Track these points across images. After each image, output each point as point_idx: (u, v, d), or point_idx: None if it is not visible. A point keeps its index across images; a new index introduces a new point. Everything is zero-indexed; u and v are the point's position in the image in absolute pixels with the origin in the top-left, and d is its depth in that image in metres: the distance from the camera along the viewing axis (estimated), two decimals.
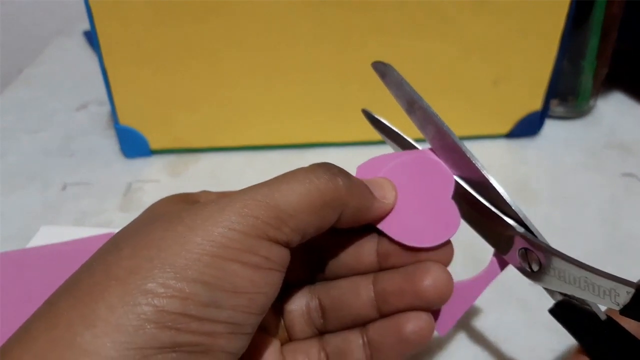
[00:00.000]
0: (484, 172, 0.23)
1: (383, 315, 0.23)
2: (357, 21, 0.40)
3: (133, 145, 0.44)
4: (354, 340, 0.23)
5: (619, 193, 0.41)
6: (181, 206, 0.20)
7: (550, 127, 0.49)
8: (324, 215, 0.20)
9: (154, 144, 0.45)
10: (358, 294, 0.23)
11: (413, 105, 0.24)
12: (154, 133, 0.44)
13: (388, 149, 0.26)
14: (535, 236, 0.22)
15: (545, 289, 0.23)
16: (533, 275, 0.23)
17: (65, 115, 0.52)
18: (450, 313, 0.24)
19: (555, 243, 0.36)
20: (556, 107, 0.50)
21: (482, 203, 0.23)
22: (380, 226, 0.23)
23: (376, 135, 0.27)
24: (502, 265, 0.24)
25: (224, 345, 0.18)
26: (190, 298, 0.17)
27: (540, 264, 0.22)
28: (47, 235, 0.37)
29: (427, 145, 0.25)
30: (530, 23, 0.41)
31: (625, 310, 0.19)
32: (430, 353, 0.29)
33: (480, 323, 0.30)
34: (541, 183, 0.42)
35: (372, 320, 0.23)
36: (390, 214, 0.23)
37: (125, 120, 0.43)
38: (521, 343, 0.29)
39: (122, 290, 0.17)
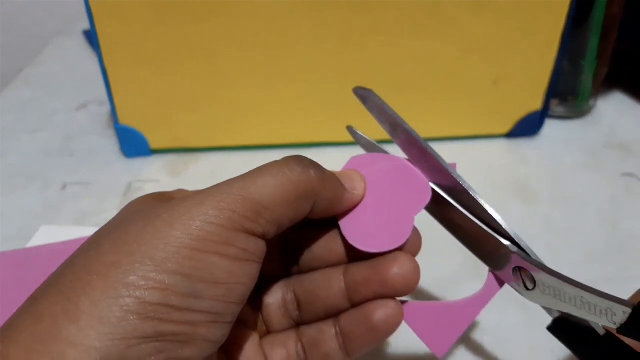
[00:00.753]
0: (472, 193, 0.23)
1: (354, 305, 0.23)
2: (357, 21, 0.40)
3: (133, 145, 0.44)
4: (327, 331, 0.23)
5: (619, 193, 0.41)
6: (157, 204, 0.21)
7: (550, 127, 0.49)
8: (297, 207, 0.21)
9: (154, 144, 0.45)
10: (330, 285, 0.24)
11: (396, 128, 0.25)
12: (154, 133, 0.44)
13: (387, 150, 0.26)
14: (529, 255, 0.22)
15: (543, 306, 0.23)
16: (529, 293, 0.23)
17: (65, 115, 0.52)
18: (447, 333, 0.24)
19: (555, 243, 0.36)
20: (556, 107, 0.50)
21: (474, 222, 0.23)
22: (340, 222, 0.24)
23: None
24: (500, 283, 0.24)
25: (205, 334, 0.18)
26: (170, 289, 0.18)
27: (535, 283, 0.22)
28: (47, 235, 0.37)
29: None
30: (530, 23, 0.41)
31: (623, 330, 0.19)
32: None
33: (480, 323, 0.30)
34: (541, 183, 0.42)
35: (344, 311, 0.23)
36: (351, 213, 0.24)
37: (125, 120, 0.43)
38: (521, 343, 0.29)
39: (104, 284, 0.17)
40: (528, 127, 0.47)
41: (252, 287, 0.20)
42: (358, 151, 0.28)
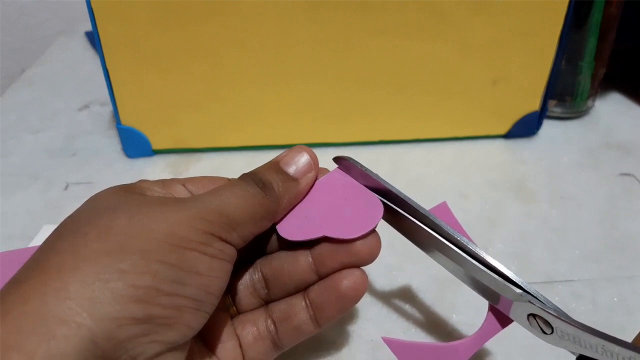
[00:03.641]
0: (478, 251, 0.23)
1: (321, 277, 0.25)
2: (357, 22, 0.40)
3: (135, 145, 0.45)
4: (297, 304, 0.25)
5: (616, 193, 0.42)
6: (131, 197, 0.22)
7: (549, 127, 0.49)
8: (262, 225, 0.24)
9: (155, 145, 0.45)
10: (297, 260, 0.25)
11: (388, 195, 0.25)
12: (156, 133, 0.44)
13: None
14: (543, 302, 0.22)
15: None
16: (547, 337, 0.22)
17: (68, 116, 0.53)
18: None
19: (553, 243, 0.36)
20: (554, 108, 0.50)
21: (484, 271, 0.24)
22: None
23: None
24: (502, 321, 0.24)
25: (188, 319, 0.20)
26: (158, 275, 0.19)
27: (552, 327, 0.22)
28: None
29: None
30: (528, 24, 0.41)
31: None
32: None
33: (480, 322, 0.31)
34: (539, 183, 0.43)
35: (311, 284, 0.25)
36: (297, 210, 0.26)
37: (127, 121, 0.43)
38: (520, 342, 0.29)
39: (95, 269, 0.18)
40: (526, 127, 0.47)
41: (226, 282, 0.22)
42: (358, 151, 0.28)
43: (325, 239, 0.24)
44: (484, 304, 0.25)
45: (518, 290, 0.23)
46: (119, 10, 0.38)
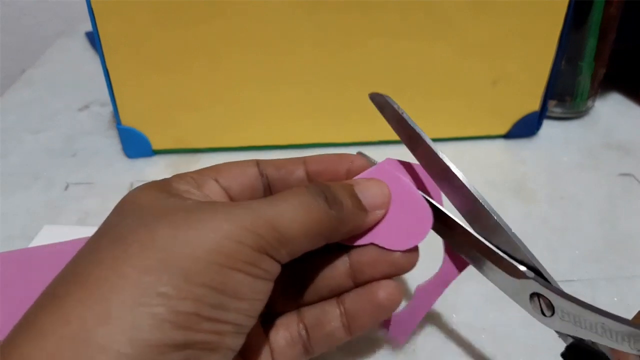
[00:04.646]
0: (493, 215, 0.22)
1: (357, 284, 0.24)
2: (357, 22, 0.40)
3: (135, 145, 0.45)
4: (331, 311, 0.24)
5: (616, 193, 0.42)
6: (172, 201, 0.21)
7: (548, 127, 0.49)
8: (316, 243, 0.22)
9: (155, 145, 0.45)
10: (334, 265, 0.25)
11: (416, 141, 0.24)
12: (156, 134, 0.44)
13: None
14: (548, 281, 0.22)
15: (558, 332, 0.23)
16: (546, 319, 0.22)
17: (68, 116, 0.53)
18: (407, 321, 0.25)
19: (553, 243, 0.36)
20: (554, 108, 0.50)
21: (488, 247, 0.23)
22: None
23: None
24: (460, 266, 0.24)
25: (229, 343, 0.19)
26: (201, 300, 0.18)
27: (553, 309, 0.22)
28: (50, 235, 0.37)
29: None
30: (528, 24, 0.41)
31: None
32: (429, 352, 0.29)
33: (479, 321, 0.31)
34: (539, 183, 0.43)
35: (346, 291, 0.25)
36: None
37: (127, 121, 0.43)
38: (520, 342, 0.29)
39: (136, 290, 0.17)
40: (526, 127, 0.47)
41: (266, 301, 0.21)
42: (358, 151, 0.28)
43: (371, 246, 0.24)
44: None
45: (523, 268, 0.22)
46: (119, 10, 0.38)
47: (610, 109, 0.53)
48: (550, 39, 0.42)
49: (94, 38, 0.40)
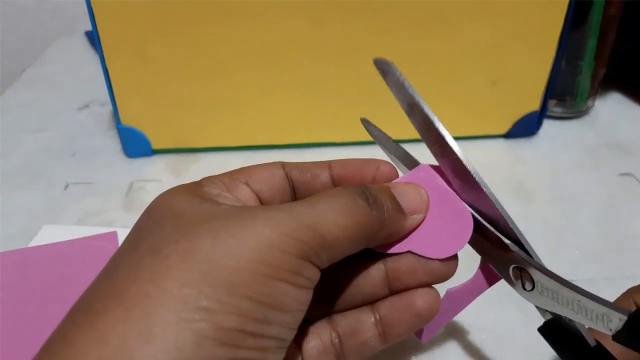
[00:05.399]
0: (482, 185, 0.22)
1: (393, 292, 0.23)
2: (357, 22, 0.40)
3: (135, 145, 0.45)
4: (366, 319, 0.23)
5: (616, 192, 0.42)
6: (208, 207, 0.20)
7: (548, 127, 0.49)
8: (357, 247, 0.21)
9: (155, 144, 0.45)
10: (369, 273, 0.24)
11: (413, 109, 0.24)
12: (156, 133, 0.44)
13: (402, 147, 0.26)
14: (531, 255, 0.22)
15: (537, 307, 0.23)
16: (527, 293, 0.23)
17: (68, 116, 0.53)
18: (434, 322, 0.25)
19: (553, 242, 0.36)
20: (554, 107, 0.50)
21: (475, 218, 0.23)
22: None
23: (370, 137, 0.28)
24: (492, 278, 0.24)
25: (272, 359, 0.18)
26: (245, 315, 0.17)
27: (533, 284, 0.22)
28: (49, 235, 0.37)
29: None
30: (528, 24, 0.41)
31: (617, 337, 0.19)
32: (429, 351, 0.29)
33: (479, 321, 0.31)
34: (539, 183, 0.43)
35: (380, 299, 0.24)
36: None
37: (127, 121, 0.43)
38: (519, 341, 0.29)
39: (178, 306, 0.16)
40: (526, 127, 0.47)
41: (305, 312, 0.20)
42: (358, 151, 0.28)
43: (409, 254, 0.23)
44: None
45: (507, 241, 0.22)
46: (119, 11, 0.38)
47: (610, 109, 0.53)
48: (551, 39, 0.42)
49: (94, 38, 0.40)
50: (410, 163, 0.26)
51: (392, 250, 0.23)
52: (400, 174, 0.25)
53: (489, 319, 0.31)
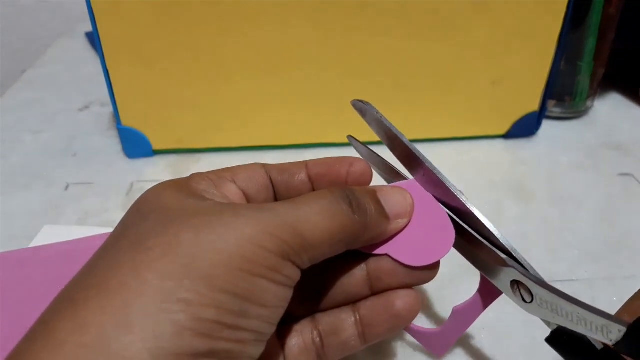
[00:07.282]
0: (469, 206, 0.23)
1: (375, 293, 0.24)
2: (357, 22, 0.40)
3: (135, 145, 0.45)
4: (347, 319, 0.24)
5: (615, 193, 0.42)
6: (193, 202, 0.20)
7: (548, 127, 0.49)
8: (337, 249, 0.21)
9: (156, 145, 0.45)
10: (352, 273, 0.24)
11: (394, 141, 0.25)
12: (156, 134, 0.44)
13: (387, 151, 0.27)
14: (526, 269, 0.23)
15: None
16: (527, 306, 0.23)
17: (68, 116, 0.53)
18: (447, 335, 0.25)
19: (552, 243, 0.37)
20: (553, 108, 0.50)
21: (471, 234, 0.23)
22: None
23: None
24: (494, 293, 0.25)
25: (251, 351, 0.19)
26: (223, 307, 0.17)
27: (532, 296, 0.22)
28: (50, 235, 0.37)
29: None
30: (528, 24, 0.41)
31: (618, 347, 0.20)
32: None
33: (479, 320, 0.31)
34: (538, 183, 0.43)
35: (362, 298, 0.24)
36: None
37: (127, 121, 0.43)
38: (520, 342, 0.29)
39: (157, 297, 0.17)
40: (525, 127, 0.47)
41: (285, 309, 0.20)
42: (356, 153, 0.28)
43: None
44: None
45: (503, 256, 0.23)
46: (119, 11, 0.38)
47: (610, 109, 0.53)
48: (550, 39, 0.42)
49: (94, 38, 0.40)
50: (397, 178, 0.26)
51: (376, 251, 0.24)
52: (379, 178, 0.26)
53: (489, 318, 0.31)
